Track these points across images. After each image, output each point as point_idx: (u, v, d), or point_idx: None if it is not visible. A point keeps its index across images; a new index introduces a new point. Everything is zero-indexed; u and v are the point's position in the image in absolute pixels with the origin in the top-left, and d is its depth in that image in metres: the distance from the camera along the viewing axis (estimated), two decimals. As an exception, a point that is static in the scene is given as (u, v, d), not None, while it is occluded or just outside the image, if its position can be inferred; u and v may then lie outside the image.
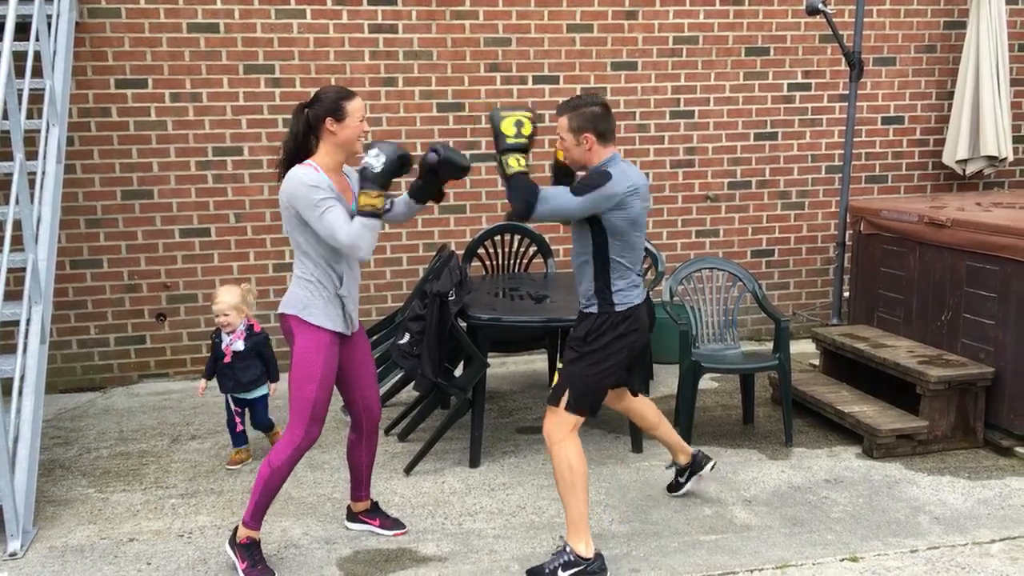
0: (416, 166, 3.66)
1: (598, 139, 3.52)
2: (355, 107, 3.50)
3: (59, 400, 5.92)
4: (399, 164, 3.44)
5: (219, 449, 5.04)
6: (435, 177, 3.66)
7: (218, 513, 4.25)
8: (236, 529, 3.71)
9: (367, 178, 3.40)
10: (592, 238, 3.55)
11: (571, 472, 3.55)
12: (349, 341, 3.75)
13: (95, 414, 5.69)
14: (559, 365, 3.70)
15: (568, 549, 3.57)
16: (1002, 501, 4.28)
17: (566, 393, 3.59)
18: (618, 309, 3.59)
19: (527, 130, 3.52)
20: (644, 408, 4.17)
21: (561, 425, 3.59)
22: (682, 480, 4.32)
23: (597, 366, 3.58)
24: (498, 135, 3.53)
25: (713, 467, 4.30)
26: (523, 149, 3.51)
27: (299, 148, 3.55)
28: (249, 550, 3.66)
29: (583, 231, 3.57)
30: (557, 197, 3.47)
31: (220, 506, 4.33)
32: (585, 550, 3.57)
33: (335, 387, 3.84)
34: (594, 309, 3.62)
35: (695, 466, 4.27)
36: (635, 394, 4.11)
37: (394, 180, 3.53)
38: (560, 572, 3.53)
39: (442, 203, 6.37)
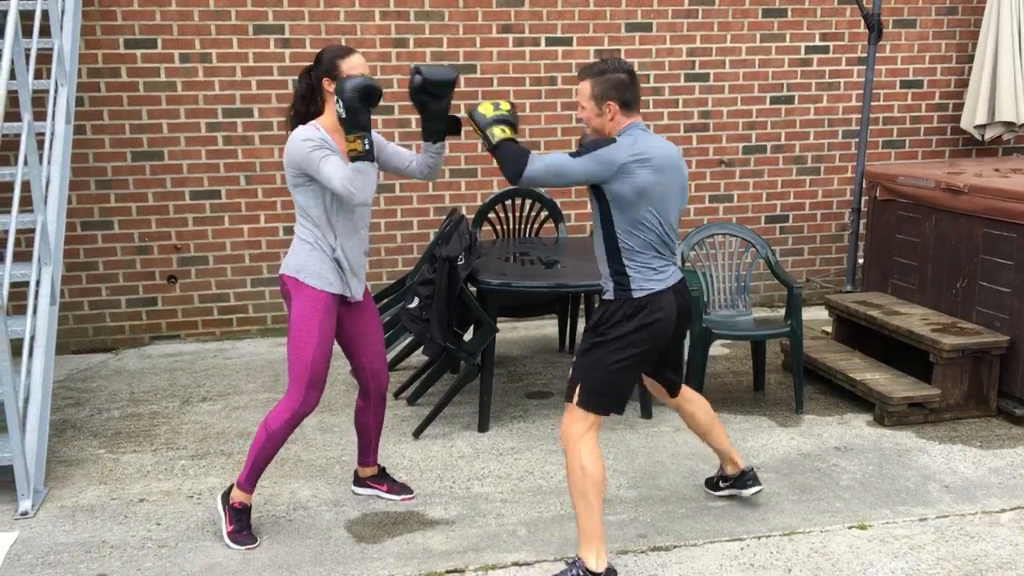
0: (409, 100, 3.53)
1: (622, 108, 3.25)
2: (351, 64, 3.44)
3: (71, 361, 5.95)
4: (359, 98, 3.22)
5: (229, 411, 5.06)
6: (427, 103, 3.49)
7: (228, 475, 4.27)
8: (231, 488, 3.73)
9: (341, 126, 3.29)
10: (598, 210, 3.30)
11: (583, 477, 3.21)
12: (356, 307, 3.72)
13: (107, 375, 5.72)
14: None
15: (578, 562, 3.24)
16: (1013, 471, 4.26)
17: (578, 388, 3.29)
18: (635, 296, 3.26)
19: (505, 106, 3.34)
20: (695, 409, 3.78)
21: (576, 423, 3.27)
22: (723, 486, 3.99)
23: (610, 357, 3.25)
24: (476, 118, 3.34)
25: (756, 494, 3.91)
26: (506, 121, 3.32)
27: (304, 112, 3.53)
28: (239, 515, 3.67)
29: (593, 202, 3.35)
30: (552, 155, 3.27)
31: (230, 468, 4.35)
32: (596, 564, 3.22)
33: (344, 352, 3.84)
34: (609, 295, 3.33)
35: (738, 483, 3.92)
36: (671, 393, 3.75)
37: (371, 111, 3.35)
38: None
39: (454, 167, 6.45)
